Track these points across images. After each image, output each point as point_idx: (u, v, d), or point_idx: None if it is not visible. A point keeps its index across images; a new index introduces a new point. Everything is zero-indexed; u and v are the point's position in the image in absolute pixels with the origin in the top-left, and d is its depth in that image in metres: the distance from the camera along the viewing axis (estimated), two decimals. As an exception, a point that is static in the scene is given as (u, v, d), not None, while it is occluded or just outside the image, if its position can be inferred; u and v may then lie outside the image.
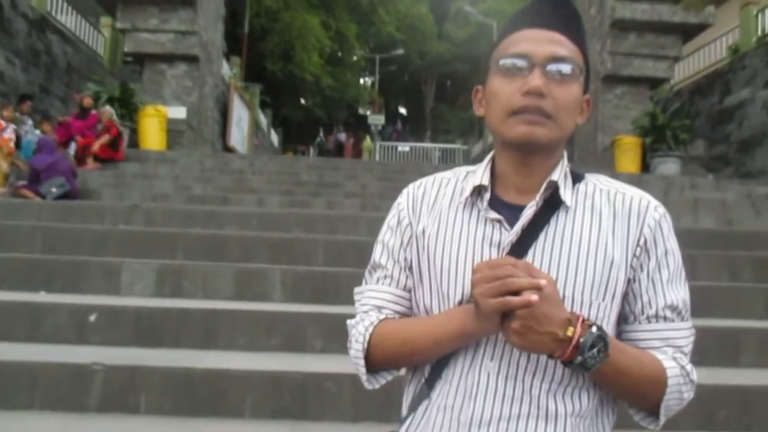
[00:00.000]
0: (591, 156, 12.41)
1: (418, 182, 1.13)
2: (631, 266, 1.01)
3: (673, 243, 1.03)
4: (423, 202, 1.10)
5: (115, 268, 4.05)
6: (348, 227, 5.64)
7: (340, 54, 29.02)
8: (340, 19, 27.66)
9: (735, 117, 11.31)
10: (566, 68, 0.99)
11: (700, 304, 4.13)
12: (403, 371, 1.11)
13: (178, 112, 11.51)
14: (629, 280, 1.01)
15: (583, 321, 0.90)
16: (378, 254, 1.13)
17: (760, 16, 11.67)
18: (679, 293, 1.04)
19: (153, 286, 4.00)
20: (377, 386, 1.08)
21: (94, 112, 9.34)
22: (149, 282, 4.01)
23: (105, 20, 15.01)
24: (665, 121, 10.77)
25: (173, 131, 11.19)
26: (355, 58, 31.62)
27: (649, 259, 1.01)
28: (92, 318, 3.32)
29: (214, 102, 13.46)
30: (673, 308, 1.03)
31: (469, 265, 1.00)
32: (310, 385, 2.84)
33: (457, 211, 1.05)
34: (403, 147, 27.72)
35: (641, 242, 1.01)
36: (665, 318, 1.02)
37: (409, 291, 1.09)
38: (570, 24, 1.02)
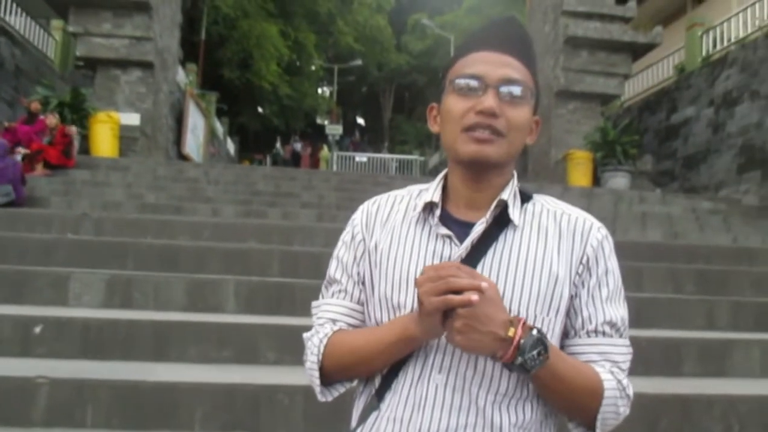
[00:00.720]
0: (544, 169, 12.68)
1: (373, 199, 1.18)
2: (574, 283, 1.05)
3: (613, 263, 1.08)
4: (377, 217, 1.14)
5: (62, 278, 3.95)
6: (304, 238, 5.63)
7: (298, 63, 28.97)
8: (299, 28, 27.62)
9: (681, 134, 11.72)
10: (518, 90, 1.03)
11: (646, 315, 4.30)
12: (356, 383, 1.13)
13: (132, 119, 11.31)
14: (571, 297, 1.05)
15: (524, 324, 0.93)
16: (333, 269, 1.16)
17: (704, 37, 12.15)
18: (618, 311, 1.07)
19: (102, 296, 3.91)
20: (330, 398, 1.11)
21: (42, 117, 9.10)
22: (98, 293, 3.92)
23: (56, 23, 14.65)
24: (615, 137, 11.09)
25: (126, 138, 10.98)
26: (313, 67, 31.59)
27: (590, 276, 1.05)
28: (37, 330, 3.23)
29: (169, 109, 13.27)
30: (612, 324, 1.06)
31: (406, 278, 1.05)
32: (262, 397, 2.83)
33: (409, 226, 1.09)
34: (361, 157, 27.75)
35: (584, 260, 1.05)
36: (604, 333, 1.06)
37: (362, 304, 1.12)
38: (522, 49, 1.07)
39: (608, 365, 1.05)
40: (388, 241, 1.09)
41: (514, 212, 1.06)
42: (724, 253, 6.15)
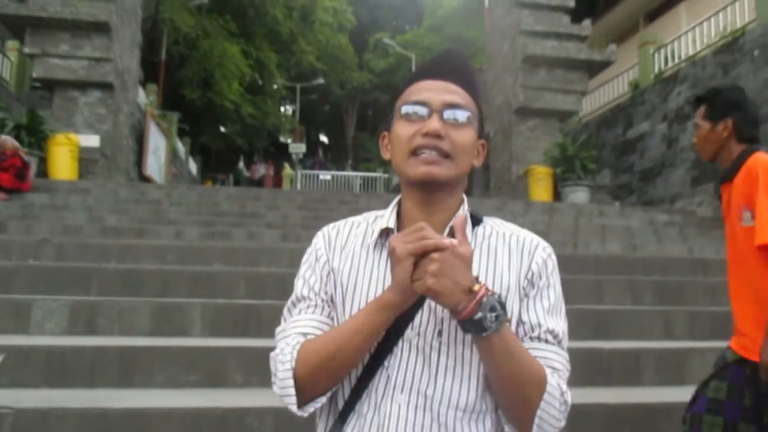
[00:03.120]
0: (506, 185, 12.88)
1: (332, 225, 1.22)
2: (520, 297, 1.11)
3: (555, 279, 1.14)
4: (336, 242, 1.18)
5: (24, 305, 3.88)
6: (269, 259, 5.63)
7: (260, 82, 28.95)
8: (261, 48, 27.63)
9: (637, 148, 12.05)
10: (461, 114, 1.10)
11: (607, 326, 4.41)
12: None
13: (91, 141, 11.14)
14: (519, 309, 1.11)
15: (487, 288, 0.98)
16: (299, 288, 1.17)
17: (656, 54, 12.55)
18: (559, 323, 1.12)
19: (66, 323, 3.85)
20: (305, 414, 1.08)
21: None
22: (62, 319, 3.86)
23: (11, 44, 14.40)
24: (574, 152, 11.35)
25: (86, 160, 10.81)
26: (275, 86, 31.58)
27: (532, 288, 1.11)
28: (-1, 359, 3.17)
29: (130, 130, 13.12)
30: (554, 334, 1.11)
31: (366, 298, 1.10)
32: (231, 420, 2.82)
33: (368, 252, 1.14)
34: (325, 175, 27.77)
35: (529, 275, 1.12)
36: (546, 341, 1.10)
37: (332, 319, 1.14)
38: (464, 77, 1.14)
39: (549, 372, 1.08)
40: (348, 266, 1.14)
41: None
42: (680, 264, 6.34)
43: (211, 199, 9.27)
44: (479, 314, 0.95)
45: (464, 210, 1.16)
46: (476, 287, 0.96)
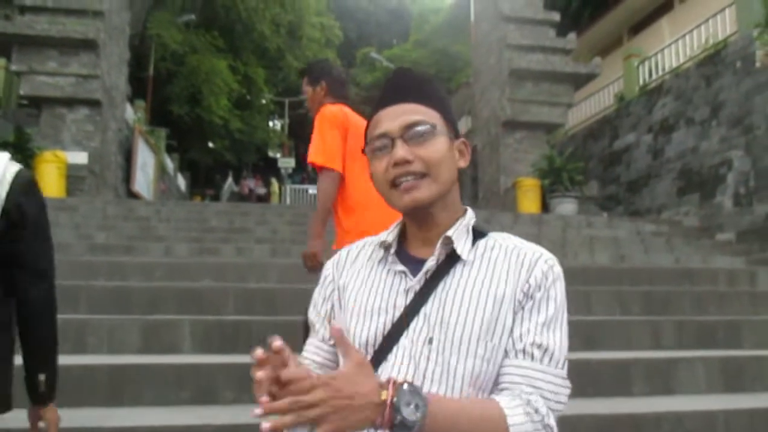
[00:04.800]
0: (495, 197, 12.95)
1: (348, 245, 1.29)
2: (515, 309, 1.08)
3: (556, 292, 1.10)
4: (346, 260, 1.25)
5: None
6: (259, 274, 5.62)
7: (248, 98, 28.98)
8: (249, 63, 27.70)
9: (623, 159, 12.17)
10: (421, 130, 1.11)
11: (596, 337, 4.44)
12: None
13: (79, 158, 11.11)
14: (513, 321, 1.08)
15: (395, 382, 0.91)
16: (311, 313, 1.27)
17: (641, 67, 12.71)
18: (553, 337, 1.07)
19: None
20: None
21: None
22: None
23: (-2, 62, 14.37)
24: (561, 164, 11.44)
25: (73, 177, 10.78)
26: (264, 101, 31.62)
27: (528, 300, 1.08)
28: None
29: (118, 147, 13.09)
30: (543, 349, 1.05)
31: (377, 309, 1.13)
32: (222, 437, 2.81)
33: (372, 265, 1.20)
34: (314, 190, 27.77)
35: (525, 288, 1.09)
36: (532, 356, 1.05)
37: (326, 342, 1.22)
38: (416, 90, 1.15)
39: (529, 391, 1.03)
40: (353, 279, 1.20)
41: (463, 248, 1.13)
42: (667, 274, 6.39)
43: (200, 215, 9.25)
44: (398, 417, 0.88)
45: (463, 223, 1.16)
46: (384, 395, 0.89)
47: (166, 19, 22.29)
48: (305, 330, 3.13)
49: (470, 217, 1.18)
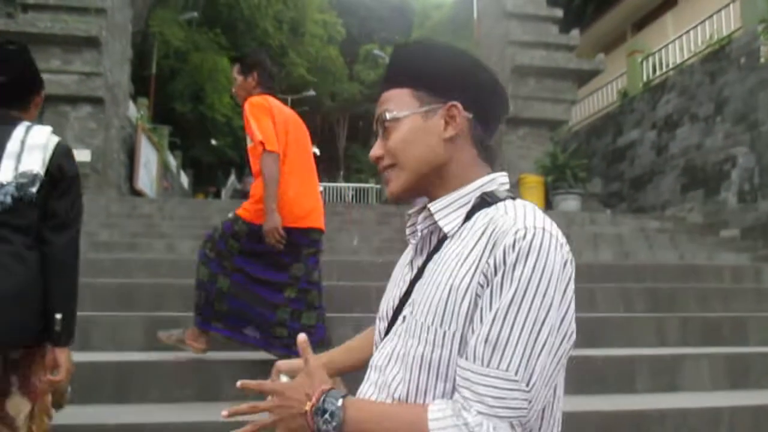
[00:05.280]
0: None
1: None
2: (476, 293, 0.93)
3: (522, 271, 0.88)
4: None
5: None
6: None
7: (251, 95, 28.95)
8: (251, 60, 27.68)
9: (627, 156, 12.14)
10: (385, 122, 1.07)
11: (600, 334, 4.43)
12: None
13: (82, 155, 11.11)
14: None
15: (322, 390, 0.95)
16: None
17: (644, 63, 12.67)
18: (508, 330, 0.87)
19: None
20: None
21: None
22: (54, 335, 3.84)
23: (1, 60, 14.37)
24: (565, 161, 11.42)
25: (77, 175, 10.78)
26: (266, 99, 31.59)
27: (487, 285, 0.91)
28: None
29: (121, 144, 13.11)
30: (492, 345, 0.88)
31: (395, 282, 1.15)
32: (227, 434, 2.82)
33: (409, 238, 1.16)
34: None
35: (485, 269, 0.92)
36: (475, 356, 0.89)
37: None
38: (392, 73, 1.10)
39: (467, 396, 0.89)
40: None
41: (447, 220, 1.03)
42: (672, 270, 6.38)
43: (202, 212, 9.26)
44: (319, 421, 0.94)
45: (462, 194, 1.03)
46: (307, 405, 0.95)
47: (169, 17, 22.30)
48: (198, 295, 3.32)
49: (478, 185, 1.04)
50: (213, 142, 28.33)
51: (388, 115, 1.06)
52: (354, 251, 7.07)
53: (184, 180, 23.96)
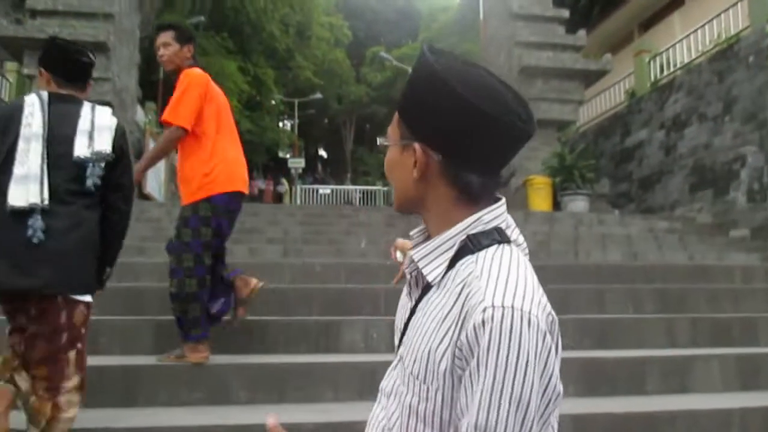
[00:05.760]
0: (506, 195, 12.78)
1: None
2: (457, 366, 0.91)
3: (496, 355, 0.85)
4: None
5: (26, 326, 3.88)
6: (271, 275, 5.61)
7: (258, 98, 29.06)
8: (258, 64, 27.78)
9: (635, 156, 12.09)
10: (384, 144, 1.08)
11: (610, 336, 4.41)
12: None
13: (91, 160, 11.18)
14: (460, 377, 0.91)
15: None
16: None
17: (652, 63, 12.62)
18: (495, 416, 0.84)
19: None
20: None
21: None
22: None
23: (10, 65, 14.48)
24: (572, 162, 11.38)
25: (85, 180, 10.84)
26: (273, 102, 31.71)
27: (466, 365, 0.89)
28: (1, 382, 3.16)
29: (129, 148, 13.15)
30: (483, 431, 0.85)
31: (401, 312, 1.11)
32: (235, 438, 2.82)
33: None
34: (324, 189, 27.84)
35: (460, 345, 0.90)
36: None
37: None
38: (400, 101, 1.05)
39: None
40: None
41: (430, 269, 1.00)
42: (681, 271, 6.34)
43: (211, 216, 9.26)
44: None
45: (443, 238, 1.00)
46: None
47: (176, 21, 22.41)
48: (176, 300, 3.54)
49: (461, 228, 0.99)
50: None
51: (379, 140, 1.09)
52: (362, 254, 7.06)
53: (192, 184, 24.02)
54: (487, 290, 0.89)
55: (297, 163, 28.83)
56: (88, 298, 2.52)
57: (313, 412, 3.16)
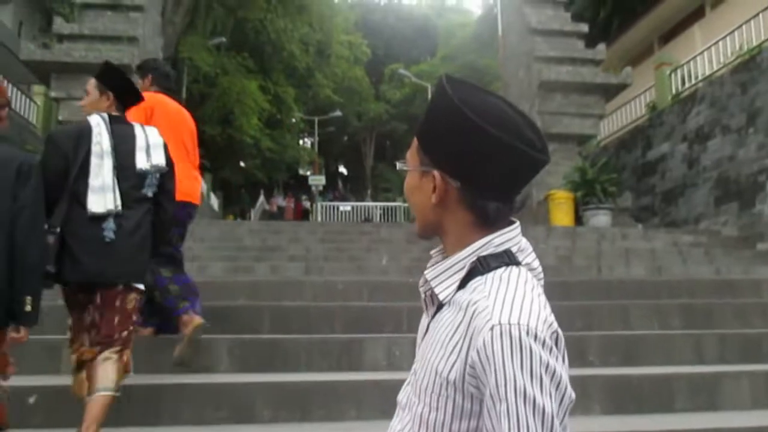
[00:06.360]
0: (527, 211, 12.83)
1: None
2: (470, 385, 0.95)
3: (509, 372, 0.88)
4: None
5: (55, 346, 3.94)
6: (293, 292, 5.65)
7: (278, 117, 29.34)
8: (278, 83, 28.06)
9: (658, 170, 11.98)
10: (403, 168, 1.12)
11: (636, 352, 4.35)
12: None
13: (116, 180, 11.34)
14: (472, 397, 0.95)
15: None
16: None
17: (673, 75, 12.54)
18: (526, 429, 0.87)
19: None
20: None
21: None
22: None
23: (38, 88, 14.84)
24: (594, 176, 11.29)
25: (111, 199, 10.99)
26: (293, 120, 31.97)
27: (482, 383, 0.92)
28: (32, 400, 3.22)
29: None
30: None
31: (420, 330, 1.15)
32: (260, 457, 2.82)
33: None
34: (345, 207, 27.93)
35: (471, 363, 0.94)
36: None
37: None
38: (420, 130, 1.09)
39: None
40: None
41: (442, 288, 1.05)
42: (707, 285, 6.25)
43: (233, 234, 9.36)
44: None
45: (456, 259, 1.04)
46: None
47: (198, 43, 22.72)
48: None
49: (472, 250, 1.03)
50: (242, 164, 28.70)
51: (398, 165, 1.13)
52: (383, 271, 7.07)
53: (214, 202, 24.26)
54: (494, 309, 0.93)
55: (318, 181, 29.00)
56: (141, 286, 2.96)
57: (337, 430, 3.16)
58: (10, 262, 2.43)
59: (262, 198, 28.62)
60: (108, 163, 2.81)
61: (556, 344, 0.93)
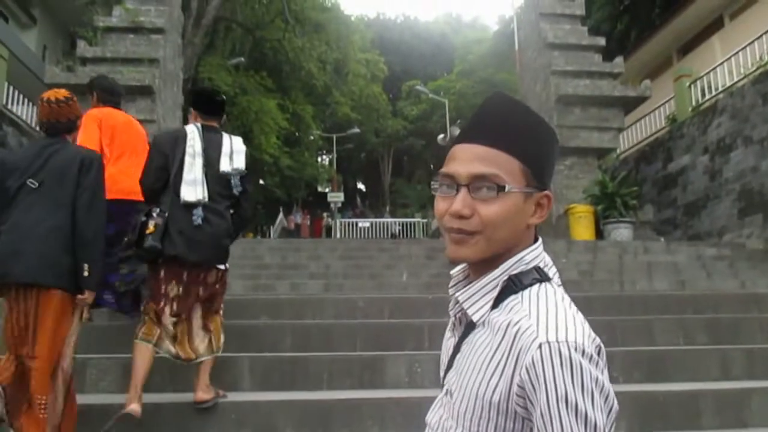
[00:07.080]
0: (547, 225, 12.76)
1: None
2: (518, 406, 0.94)
3: (561, 388, 0.88)
4: None
5: (79, 364, 3.97)
6: (314, 310, 5.66)
7: (297, 134, 29.57)
8: (297, 101, 28.31)
9: (679, 182, 11.87)
10: (487, 187, 0.99)
11: (661, 368, 4.29)
12: None
13: (138, 199, 11.48)
14: (523, 419, 0.94)
15: None
16: None
17: (692, 87, 12.46)
18: None
19: (119, 381, 3.93)
20: None
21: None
22: (116, 377, 3.95)
23: (62, 111, 15.05)
24: (614, 189, 11.22)
25: (133, 219, 11.13)
26: (312, 138, 32.22)
27: (533, 406, 0.90)
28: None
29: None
30: None
31: (445, 350, 1.14)
32: (283, 475, 2.82)
33: None
34: (364, 223, 27.99)
35: (520, 383, 0.92)
36: None
37: None
38: (500, 131, 1.01)
39: None
40: None
41: (476, 308, 1.03)
42: (733, 299, 6.15)
43: (253, 252, 9.41)
44: None
45: (491, 278, 1.03)
46: None
47: (217, 63, 23.03)
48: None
49: (504, 269, 1.02)
50: (261, 182, 28.92)
51: (489, 186, 0.99)
52: (403, 287, 7.06)
53: (234, 220, 24.44)
54: (539, 328, 0.92)
55: (337, 198, 29.12)
56: (223, 267, 3.51)
57: (360, 449, 3.14)
58: (74, 236, 2.88)
59: (281, 215, 28.78)
60: (198, 162, 3.37)
61: (601, 357, 0.94)
